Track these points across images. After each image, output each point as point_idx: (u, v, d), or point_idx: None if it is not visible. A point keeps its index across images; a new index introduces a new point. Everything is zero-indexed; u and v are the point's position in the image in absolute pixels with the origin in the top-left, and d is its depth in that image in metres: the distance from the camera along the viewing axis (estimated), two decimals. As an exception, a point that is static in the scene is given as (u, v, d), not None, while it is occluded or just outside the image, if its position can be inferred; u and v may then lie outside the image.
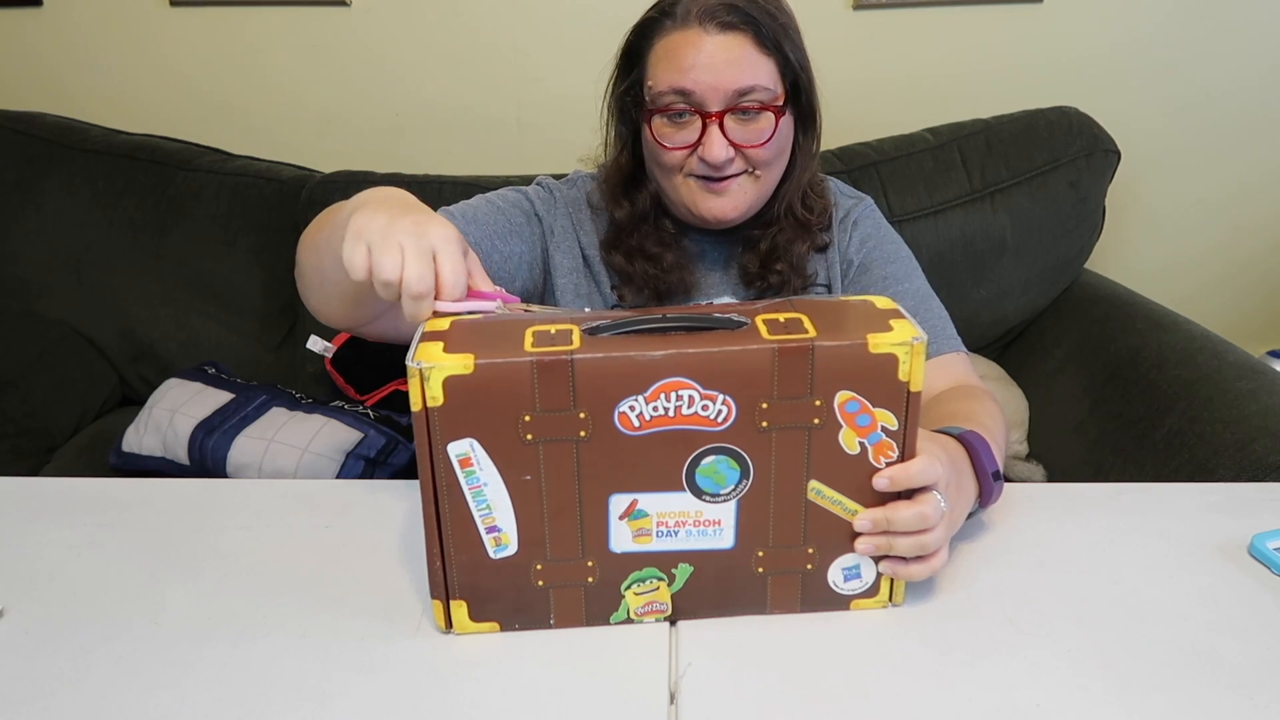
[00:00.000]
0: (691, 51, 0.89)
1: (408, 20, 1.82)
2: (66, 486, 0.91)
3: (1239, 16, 1.76)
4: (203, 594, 0.73)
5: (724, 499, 0.65)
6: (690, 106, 0.90)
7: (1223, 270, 1.97)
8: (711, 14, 0.89)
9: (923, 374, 0.63)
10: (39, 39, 1.89)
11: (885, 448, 0.64)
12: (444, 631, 0.69)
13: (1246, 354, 1.29)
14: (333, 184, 1.67)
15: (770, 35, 0.90)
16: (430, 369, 0.60)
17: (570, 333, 0.63)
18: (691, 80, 0.89)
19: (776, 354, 0.61)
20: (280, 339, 1.73)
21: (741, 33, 0.89)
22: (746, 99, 0.90)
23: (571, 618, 0.69)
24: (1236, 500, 0.83)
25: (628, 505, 0.65)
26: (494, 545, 0.66)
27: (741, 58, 0.89)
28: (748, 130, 0.92)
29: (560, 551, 0.66)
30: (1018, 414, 1.58)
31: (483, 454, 0.63)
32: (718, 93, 0.89)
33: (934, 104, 1.78)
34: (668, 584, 0.68)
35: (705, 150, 0.90)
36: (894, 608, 0.70)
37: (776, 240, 0.99)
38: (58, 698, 0.63)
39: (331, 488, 0.89)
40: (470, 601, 0.68)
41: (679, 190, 0.95)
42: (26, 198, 1.71)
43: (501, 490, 0.64)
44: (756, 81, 0.90)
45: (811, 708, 0.61)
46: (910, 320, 0.64)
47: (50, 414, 1.61)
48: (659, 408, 0.62)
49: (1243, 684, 0.62)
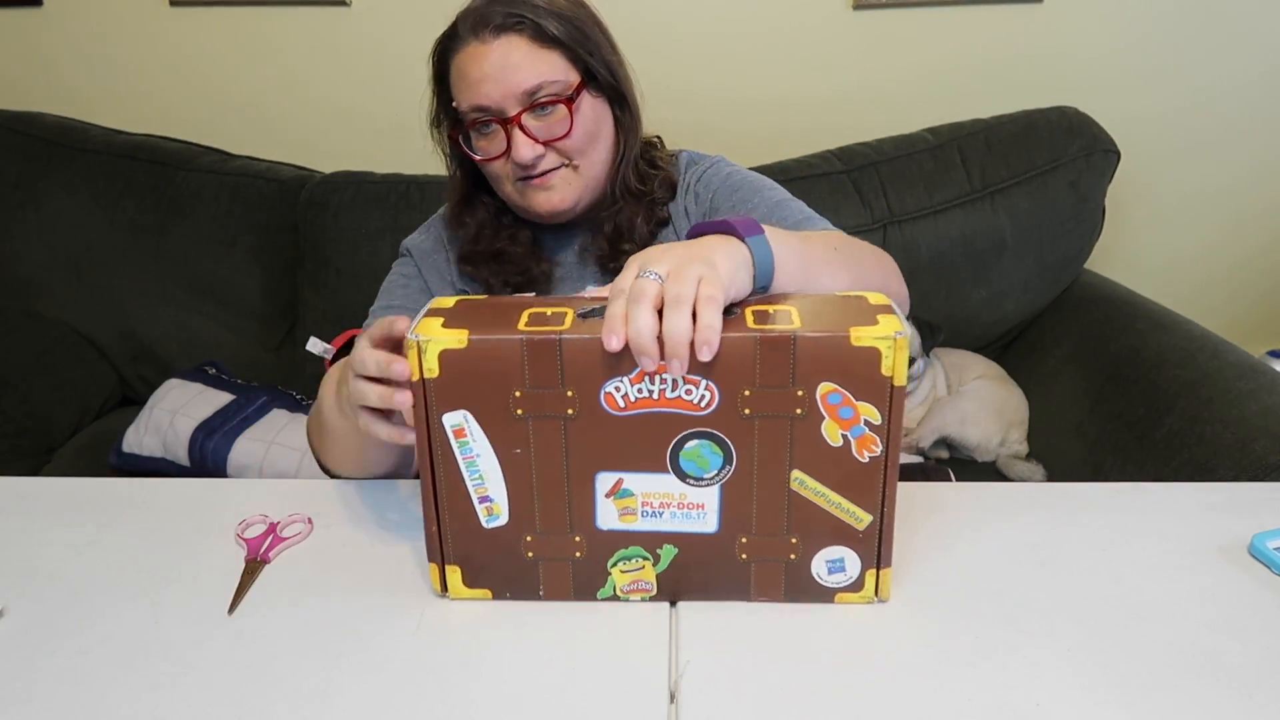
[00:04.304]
0: (475, 65, 0.91)
1: (408, 20, 1.82)
2: (66, 486, 0.91)
3: (1239, 17, 1.76)
4: (202, 594, 0.73)
5: (707, 483, 0.67)
6: (491, 117, 0.93)
7: (1222, 269, 1.97)
8: (484, 22, 0.91)
9: (905, 369, 0.63)
10: (39, 39, 1.89)
11: (868, 441, 0.65)
12: (440, 595, 0.72)
13: (1246, 354, 1.29)
14: (333, 184, 1.67)
15: (545, 29, 0.91)
16: (427, 342, 0.63)
17: (564, 315, 0.65)
18: (483, 95, 0.91)
19: (759, 343, 0.62)
20: (280, 339, 1.73)
21: (515, 33, 0.91)
22: (537, 96, 0.92)
23: (560, 590, 0.71)
24: (1236, 500, 0.83)
25: (613, 484, 0.67)
26: (486, 515, 0.69)
27: (521, 60, 0.91)
28: (547, 125, 0.93)
29: (549, 524, 0.69)
30: (1018, 414, 1.58)
31: (476, 426, 0.66)
32: (509, 99, 0.91)
33: (934, 104, 1.78)
34: (653, 564, 0.70)
35: (514, 153, 0.93)
36: (881, 603, 0.71)
37: (618, 221, 1.00)
38: (58, 698, 0.63)
39: (331, 488, 0.89)
40: (464, 567, 0.71)
41: (513, 196, 0.98)
42: (26, 198, 1.71)
43: (493, 462, 0.67)
44: (542, 78, 0.91)
45: (811, 707, 0.61)
46: (898, 316, 0.64)
47: (50, 414, 1.61)
48: (643, 390, 0.64)
49: (1243, 684, 0.62)
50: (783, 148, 1.69)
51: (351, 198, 1.65)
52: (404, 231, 1.64)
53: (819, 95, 1.85)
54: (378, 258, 1.63)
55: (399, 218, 1.63)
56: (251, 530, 0.81)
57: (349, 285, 1.64)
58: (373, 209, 1.64)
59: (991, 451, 1.55)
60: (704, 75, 1.83)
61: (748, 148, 1.58)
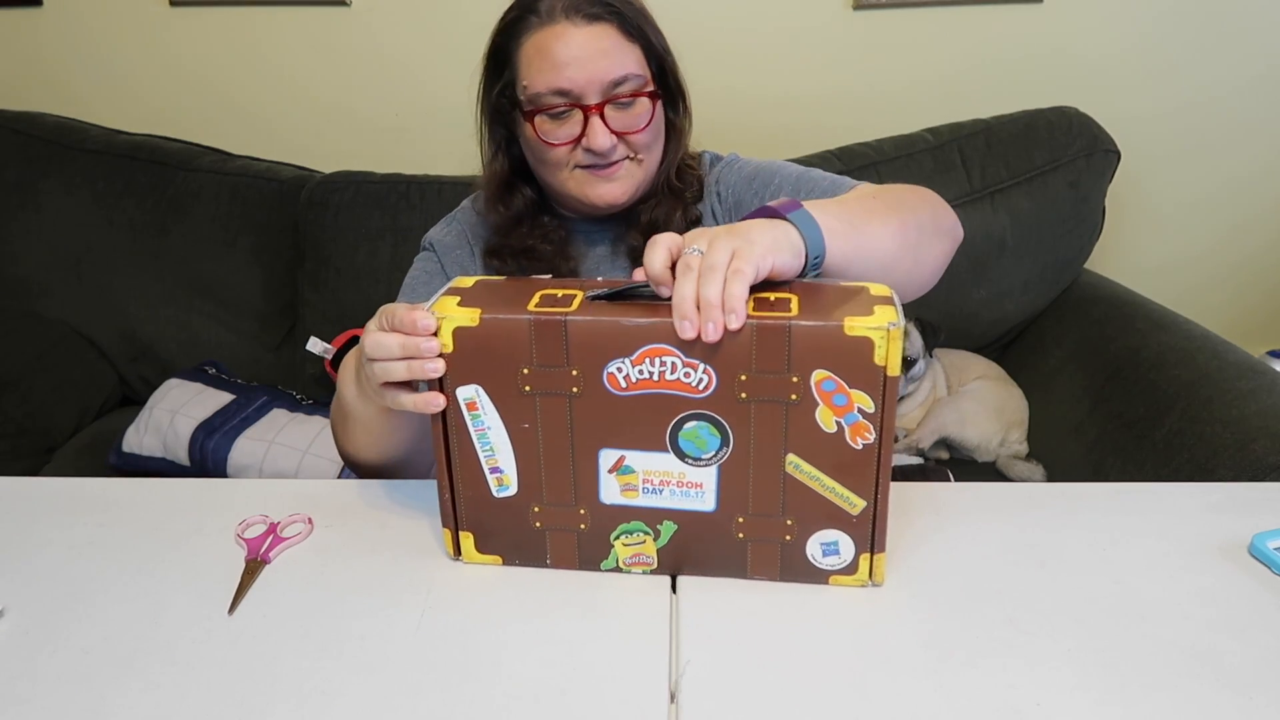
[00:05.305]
0: (562, 47, 0.90)
1: (408, 20, 1.82)
2: (66, 486, 0.91)
3: (1238, 17, 1.76)
4: (202, 594, 0.74)
5: (705, 463, 0.69)
6: (570, 102, 0.92)
7: (1223, 269, 1.97)
8: (576, 7, 0.91)
9: (899, 359, 0.64)
10: (39, 39, 1.89)
11: (862, 429, 0.66)
12: (453, 558, 0.76)
13: (1246, 354, 1.29)
14: (333, 184, 1.67)
15: (633, 23, 0.93)
16: (443, 319, 0.68)
17: (574, 297, 0.68)
18: (567, 78, 0.90)
19: (755, 330, 0.64)
20: (280, 339, 1.73)
21: (607, 23, 0.92)
22: (621, 88, 0.92)
23: (566, 559, 0.75)
24: (1236, 500, 0.83)
25: (616, 460, 0.70)
26: (496, 485, 0.73)
27: (611, 48, 0.91)
28: (627, 118, 0.94)
29: (555, 497, 0.72)
30: (1018, 414, 1.58)
31: (487, 400, 0.70)
32: (594, 85, 0.91)
33: (934, 104, 1.78)
34: (654, 539, 0.73)
35: (590, 141, 0.92)
36: (875, 587, 0.72)
37: (656, 214, 1.01)
38: (58, 698, 0.63)
39: (331, 488, 0.89)
40: (476, 534, 0.75)
41: (566, 184, 0.97)
42: (26, 198, 1.71)
43: (503, 435, 0.71)
44: (628, 70, 0.92)
45: (811, 707, 0.61)
46: (894, 307, 0.65)
47: (50, 414, 1.61)
48: (644, 371, 0.66)
49: (1242, 684, 0.62)
50: (783, 148, 1.69)
51: (351, 198, 1.65)
52: (404, 231, 1.65)
53: (819, 95, 1.85)
54: (378, 258, 1.63)
55: (399, 218, 1.63)
56: (251, 530, 0.81)
57: (349, 285, 1.64)
58: (373, 209, 1.64)
59: (991, 452, 1.55)
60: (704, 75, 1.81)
61: (748, 148, 1.56)
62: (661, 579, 0.74)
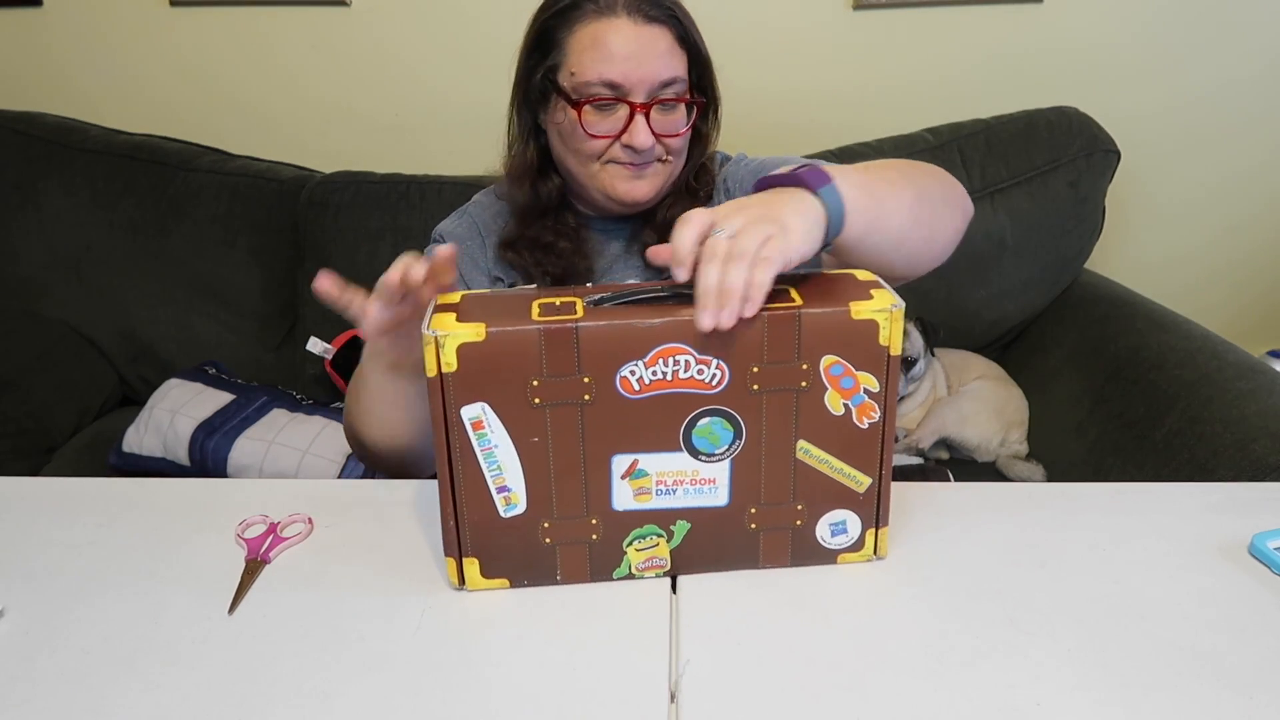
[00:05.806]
0: (620, 41, 0.91)
1: (408, 20, 1.82)
2: (66, 486, 0.91)
3: (1238, 15, 1.76)
4: (202, 594, 0.73)
5: (719, 459, 0.69)
6: (616, 96, 0.92)
7: (1223, 269, 1.97)
8: (637, 6, 0.92)
9: (900, 339, 0.66)
10: (39, 39, 1.89)
11: (868, 409, 0.68)
12: (456, 588, 0.73)
13: (1246, 354, 1.29)
14: (333, 184, 1.67)
15: (687, 31, 0.95)
16: (445, 336, 0.64)
17: (574, 304, 0.67)
18: (620, 72, 0.91)
19: (766, 321, 0.65)
20: (280, 339, 1.73)
21: (664, 26, 0.93)
22: (667, 91, 0.93)
23: (577, 573, 0.73)
24: (1236, 500, 0.83)
25: (629, 465, 0.69)
26: (504, 505, 0.70)
27: (666, 51, 0.93)
28: (668, 120, 0.95)
29: (566, 510, 0.70)
30: (1018, 414, 1.58)
31: (494, 417, 0.67)
32: (644, 84, 0.92)
33: (934, 104, 1.78)
34: (667, 540, 0.72)
35: (632, 138, 0.93)
36: (879, 560, 0.74)
37: (671, 214, 1.00)
38: (58, 698, 0.63)
39: (331, 488, 0.89)
40: (481, 559, 0.72)
41: (596, 176, 0.97)
42: (26, 198, 1.71)
43: (511, 452, 0.68)
44: (676, 74, 0.93)
45: (811, 707, 0.61)
46: (889, 289, 0.67)
47: (50, 414, 1.61)
48: (658, 372, 0.66)
49: (1242, 684, 0.62)
50: (782, 147, 1.68)
51: (351, 198, 1.65)
52: (404, 231, 1.65)
53: (819, 95, 1.85)
54: (378, 258, 1.63)
55: (399, 218, 1.63)
56: (251, 530, 0.81)
57: (349, 285, 1.64)
58: (373, 209, 1.64)
59: (991, 452, 1.55)
60: (704, 75, 1.83)
61: (747, 147, 1.57)
62: (661, 579, 0.74)
